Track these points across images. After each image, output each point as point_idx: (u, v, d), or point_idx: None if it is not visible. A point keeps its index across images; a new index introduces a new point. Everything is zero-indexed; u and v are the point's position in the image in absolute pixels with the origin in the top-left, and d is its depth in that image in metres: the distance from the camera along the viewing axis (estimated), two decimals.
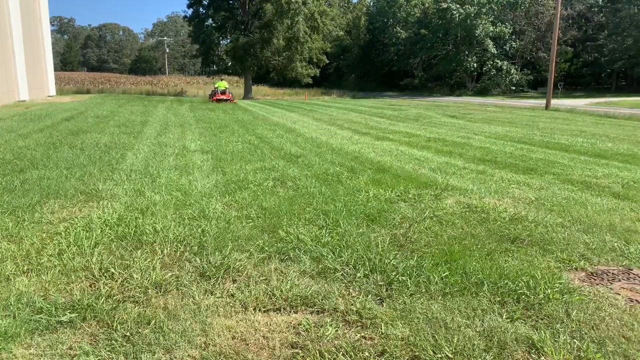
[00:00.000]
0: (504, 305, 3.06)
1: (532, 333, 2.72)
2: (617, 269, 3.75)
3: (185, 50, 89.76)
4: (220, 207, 5.11)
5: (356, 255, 3.79)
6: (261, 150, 9.59)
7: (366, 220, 4.77)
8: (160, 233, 4.24)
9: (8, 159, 7.74)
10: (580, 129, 15.59)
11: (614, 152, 10.17)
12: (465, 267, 3.56)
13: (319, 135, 12.35)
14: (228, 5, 41.52)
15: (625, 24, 48.53)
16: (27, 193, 5.53)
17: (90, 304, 2.94)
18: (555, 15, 28.03)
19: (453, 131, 14.02)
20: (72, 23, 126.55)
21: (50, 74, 29.68)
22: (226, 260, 3.65)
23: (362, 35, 62.31)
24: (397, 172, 7.34)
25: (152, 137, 11.09)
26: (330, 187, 6.25)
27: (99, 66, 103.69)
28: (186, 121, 15.60)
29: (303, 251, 3.89)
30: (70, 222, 4.51)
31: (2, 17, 22.09)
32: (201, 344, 2.60)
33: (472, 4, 48.51)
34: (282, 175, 6.92)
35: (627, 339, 2.72)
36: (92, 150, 8.79)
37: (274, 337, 2.69)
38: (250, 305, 3.02)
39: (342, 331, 2.76)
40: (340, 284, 3.35)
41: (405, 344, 2.61)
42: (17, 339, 2.58)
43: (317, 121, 16.90)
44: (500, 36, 50.17)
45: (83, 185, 6.05)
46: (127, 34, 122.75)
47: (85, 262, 3.58)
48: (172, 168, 7.36)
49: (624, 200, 5.93)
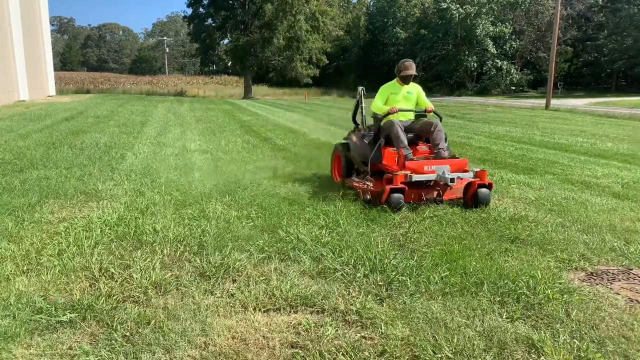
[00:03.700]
0: (504, 305, 3.06)
1: (532, 333, 2.72)
2: (617, 269, 3.75)
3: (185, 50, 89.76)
4: (220, 207, 5.11)
5: (356, 255, 3.78)
6: (261, 150, 9.60)
7: (366, 220, 4.77)
8: (160, 233, 4.24)
9: (8, 159, 7.74)
10: (580, 128, 15.59)
11: (614, 152, 10.17)
12: (465, 267, 3.56)
13: (319, 135, 12.34)
14: (228, 4, 41.52)
15: (625, 24, 48.52)
16: (27, 193, 5.53)
17: (90, 304, 2.94)
18: (555, 15, 28.05)
19: (453, 131, 14.02)
20: (72, 23, 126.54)
21: (50, 74, 29.68)
22: (226, 260, 3.65)
23: (362, 35, 62.31)
24: None
25: (152, 137, 11.09)
26: (330, 186, 6.26)
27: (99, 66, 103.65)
28: (186, 121, 15.60)
29: (303, 251, 3.89)
30: (70, 222, 4.51)
31: (2, 17, 22.09)
32: (201, 344, 2.60)
33: (472, 4, 48.52)
34: (282, 175, 6.92)
35: (627, 339, 2.72)
36: (92, 150, 8.79)
37: (274, 337, 2.69)
38: (250, 305, 3.02)
39: (342, 331, 2.76)
40: (340, 283, 3.35)
41: (405, 344, 2.61)
42: (17, 339, 2.58)
43: (317, 121, 16.90)
44: (500, 36, 50.19)
45: (83, 185, 6.05)
46: (127, 33, 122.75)
47: (85, 262, 3.57)
48: (172, 168, 7.36)
49: (624, 200, 5.93)
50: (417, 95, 6.04)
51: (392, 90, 5.95)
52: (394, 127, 5.46)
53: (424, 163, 5.23)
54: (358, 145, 5.97)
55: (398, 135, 5.42)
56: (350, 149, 6.14)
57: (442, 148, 5.42)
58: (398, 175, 5.07)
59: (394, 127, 5.46)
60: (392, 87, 5.99)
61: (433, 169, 5.19)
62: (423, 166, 5.19)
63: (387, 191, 4.95)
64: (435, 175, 5.17)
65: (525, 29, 53.00)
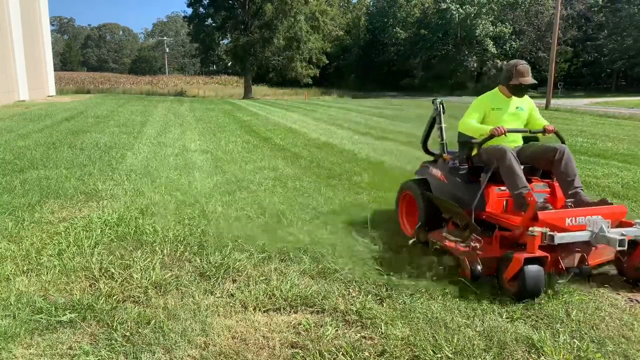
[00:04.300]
0: (504, 305, 3.06)
1: (532, 333, 2.72)
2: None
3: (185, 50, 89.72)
4: (220, 207, 5.11)
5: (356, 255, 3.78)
6: (261, 150, 9.60)
7: (367, 219, 4.76)
8: (160, 233, 4.24)
9: (8, 159, 7.74)
10: (580, 128, 15.59)
11: (614, 152, 10.17)
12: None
13: (319, 135, 12.34)
14: (228, 4, 41.52)
15: (625, 24, 48.51)
16: (27, 193, 5.53)
17: (90, 304, 2.94)
18: (555, 15, 28.05)
19: (454, 131, 14.01)
20: (72, 23, 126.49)
21: (50, 74, 29.66)
22: (226, 260, 3.65)
23: (362, 35, 62.31)
24: (398, 173, 7.34)
25: (152, 137, 11.09)
26: (330, 187, 6.26)
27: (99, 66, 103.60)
28: (186, 121, 15.60)
29: (303, 251, 3.89)
30: (70, 222, 4.51)
31: (2, 17, 22.09)
32: (201, 344, 2.60)
33: (472, 4, 48.53)
34: (282, 175, 6.92)
35: (627, 339, 2.72)
36: (92, 150, 8.79)
37: (274, 337, 2.69)
38: (250, 305, 3.02)
39: (342, 331, 2.76)
40: (340, 283, 3.35)
41: (405, 344, 2.61)
42: (17, 339, 2.58)
43: (316, 121, 16.90)
44: (500, 36, 50.19)
45: (83, 185, 6.05)
46: (127, 33, 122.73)
47: (85, 262, 3.58)
48: (172, 168, 7.36)
49: (624, 200, 5.92)
50: (530, 113, 4.24)
51: (494, 105, 4.13)
52: (506, 157, 3.64)
53: (564, 213, 3.37)
54: (445, 183, 4.16)
55: (514, 170, 3.61)
56: (432, 187, 4.28)
57: (580, 187, 3.68)
58: (534, 236, 3.11)
59: (506, 157, 3.64)
60: (494, 100, 4.16)
61: (582, 223, 3.31)
62: (564, 218, 3.31)
63: (519, 263, 3.02)
64: (587, 233, 3.24)
65: (525, 29, 53.02)
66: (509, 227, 3.48)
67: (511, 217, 3.56)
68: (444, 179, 4.19)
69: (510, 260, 3.08)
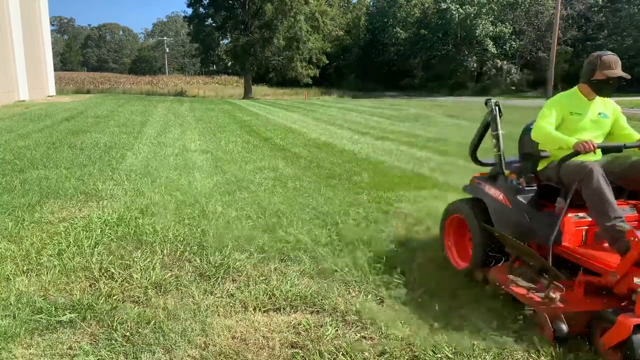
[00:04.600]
0: (503, 304, 3.05)
1: (532, 333, 2.72)
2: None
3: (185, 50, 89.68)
4: (220, 207, 5.11)
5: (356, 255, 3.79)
6: (261, 150, 9.60)
7: (366, 220, 4.76)
8: (160, 233, 4.24)
9: (8, 159, 7.74)
10: None
11: None
12: None
13: (319, 135, 12.34)
14: (228, 4, 41.52)
15: (625, 24, 48.54)
16: (27, 193, 5.53)
17: (90, 304, 2.94)
18: (555, 15, 28.05)
19: (454, 131, 14.02)
20: (72, 23, 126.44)
21: (50, 74, 29.65)
22: (226, 260, 3.65)
23: (362, 35, 62.33)
24: (398, 173, 7.35)
25: (152, 137, 11.09)
26: (330, 187, 6.26)
27: (99, 66, 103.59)
28: (186, 121, 15.60)
29: (303, 251, 3.89)
30: (70, 222, 4.51)
31: (2, 17, 22.09)
32: (201, 344, 2.60)
33: (472, 4, 48.54)
34: (282, 175, 6.93)
35: None
36: (92, 150, 8.79)
37: (273, 337, 2.69)
38: (250, 305, 3.02)
39: (342, 331, 2.76)
40: (339, 283, 3.35)
41: (405, 344, 2.61)
42: (17, 339, 2.58)
43: (316, 121, 16.90)
44: (500, 36, 50.19)
45: (83, 185, 6.05)
46: (127, 33, 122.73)
47: (85, 262, 3.58)
48: (172, 168, 7.36)
49: None
50: (615, 121, 3.33)
51: (573, 108, 3.22)
52: (593, 178, 2.77)
53: None
54: (509, 208, 3.18)
55: (604, 195, 2.74)
56: (491, 212, 3.32)
57: None
58: None
59: (594, 177, 2.77)
60: (572, 103, 3.24)
61: None
62: None
63: (627, 330, 2.26)
64: None
65: (525, 29, 52.99)
66: (596, 270, 2.64)
67: (599, 256, 2.68)
68: (507, 202, 3.21)
69: (611, 322, 2.33)
